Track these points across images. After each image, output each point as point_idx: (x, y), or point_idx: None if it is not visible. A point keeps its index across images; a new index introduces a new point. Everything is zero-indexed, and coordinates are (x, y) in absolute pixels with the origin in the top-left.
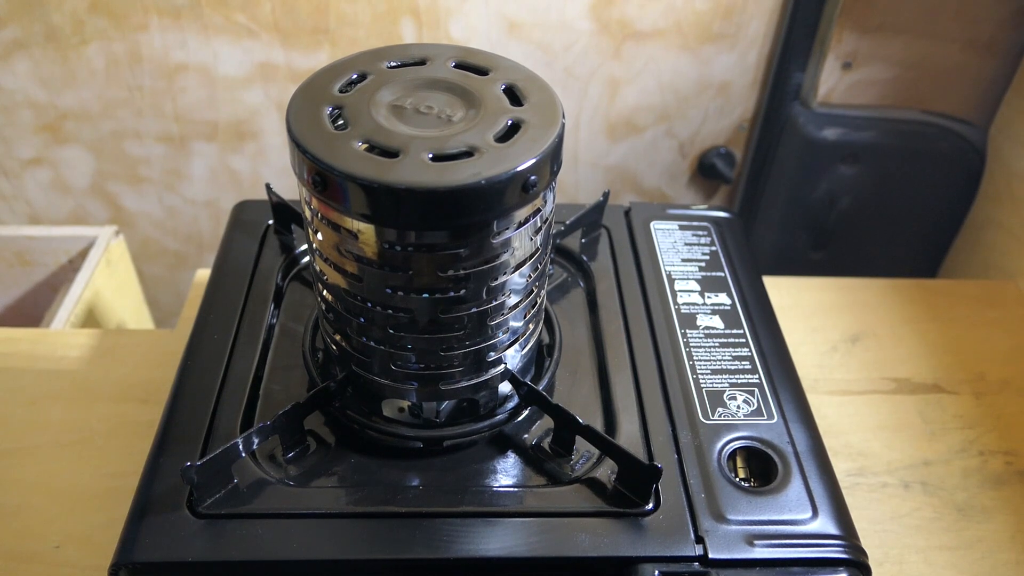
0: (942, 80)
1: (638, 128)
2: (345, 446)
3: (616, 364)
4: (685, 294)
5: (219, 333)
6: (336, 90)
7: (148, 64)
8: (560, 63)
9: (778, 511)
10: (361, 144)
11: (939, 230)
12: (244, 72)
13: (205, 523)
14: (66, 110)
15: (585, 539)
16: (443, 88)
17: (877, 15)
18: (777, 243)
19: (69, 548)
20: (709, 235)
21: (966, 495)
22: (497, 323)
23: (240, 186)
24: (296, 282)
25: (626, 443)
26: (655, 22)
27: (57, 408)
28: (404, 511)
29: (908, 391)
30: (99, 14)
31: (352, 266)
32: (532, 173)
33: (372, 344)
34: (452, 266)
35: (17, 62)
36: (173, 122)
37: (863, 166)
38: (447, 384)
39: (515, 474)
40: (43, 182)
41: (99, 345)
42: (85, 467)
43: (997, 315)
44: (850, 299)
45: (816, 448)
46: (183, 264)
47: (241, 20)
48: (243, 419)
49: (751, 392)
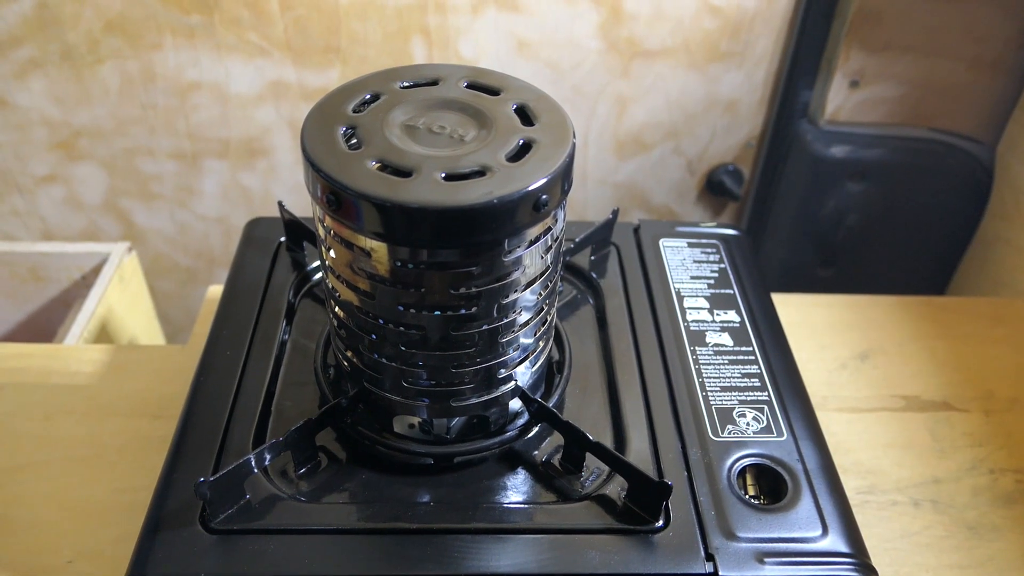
0: (949, 98)
1: (646, 146)
2: (356, 462)
3: (626, 381)
4: (694, 311)
5: (232, 349)
6: (350, 110)
7: (161, 82)
8: (568, 81)
9: (788, 529)
10: (374, 163)
11: (947, 247)
12: (256, 90)
13: (217, 539)
14: (80, 128)
15: (595, 556)
16: (455, 108)
17: (884, 34)
18: (785, 260)
19: (82, 563)
20: (718, 252)
21: (976, 513)
22: (508, 340)
23: (251, 203)
24: (308, 299)
25: (636, 460)
26: (663, 41)
27: (70, 423)
28: (415, 527)
29: (917, 408)
30: (114, 34)
31: (365, 283)
32: (543, 192)
33: (384, 361)
34: (464, 284)
35: (33, 80)
36: (186, 139)
37: (871, 184)
38: (458, 401)
39: (525, 491)
40: (57, 199)
41: (112, 360)
42: (98, 482)
43: (1006, 332)
44: (859, 316)
45: (826, 465)
46: (194, 280)
47: (253, 39)
48: (255, 435)
49: (760, 409)
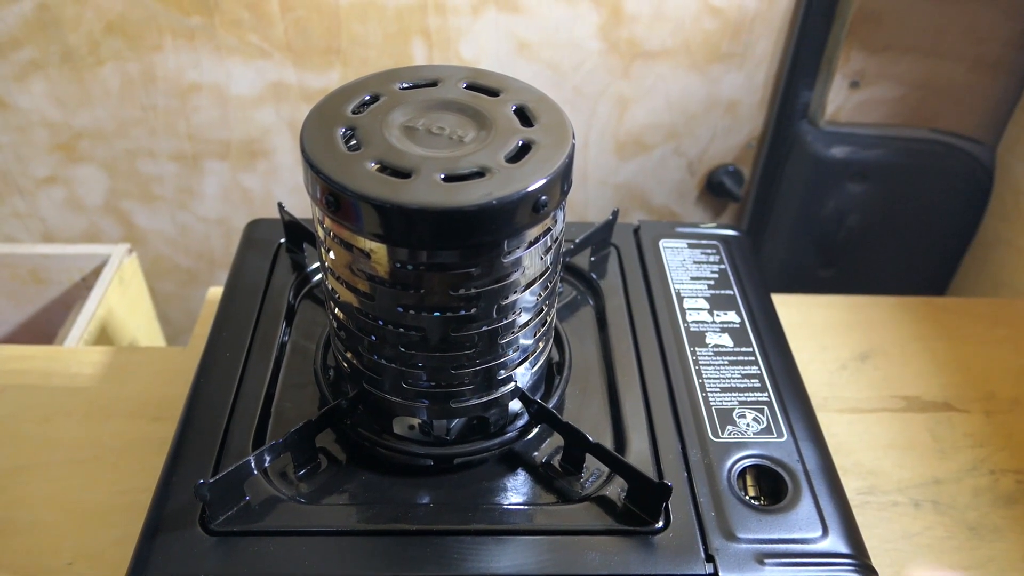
0: (950, 99)
1: (647, 146)
2: (356, 463)
3: (625, 382)
4: (694, 312)
5: (231, 351)
6: (349, 111)
7: (162, 84)
8: (569, 82)
9: (788, 530)
10: (374, 165)
11: (948, 248)
12: (256, 92)
13: (217, 540)
14: (81, 129)
15: (595, 557)
16: (455, 109)
17: (884, 34)
18: (786, 261)
19: (82, 565)
20: (718, 253)
21: (977, 514)
22: (507, 341)
23: (251, 204)
24: (308, 300)
25: (636, 461)
26: (663, 42)
27: (70, 425)
28: (415, 529)
29: (918, 409)
30: (114, 35)
31: (364, 285)
32: (543, 193)
33: (383, 362)
34: (463, 285)
35: (33, 82)
36: (186, 141)
37: (871, 184)
38: (457, 402)
39: (525, 492)
40: (57, 200)
41: (112, 362)
42: (98, 484)
43: (1007, 333)
44: (859, 317)
45: (826, 466)
46: (194, 281)
47: (254, 41)
48: (255, 437)
49: (760, 410)
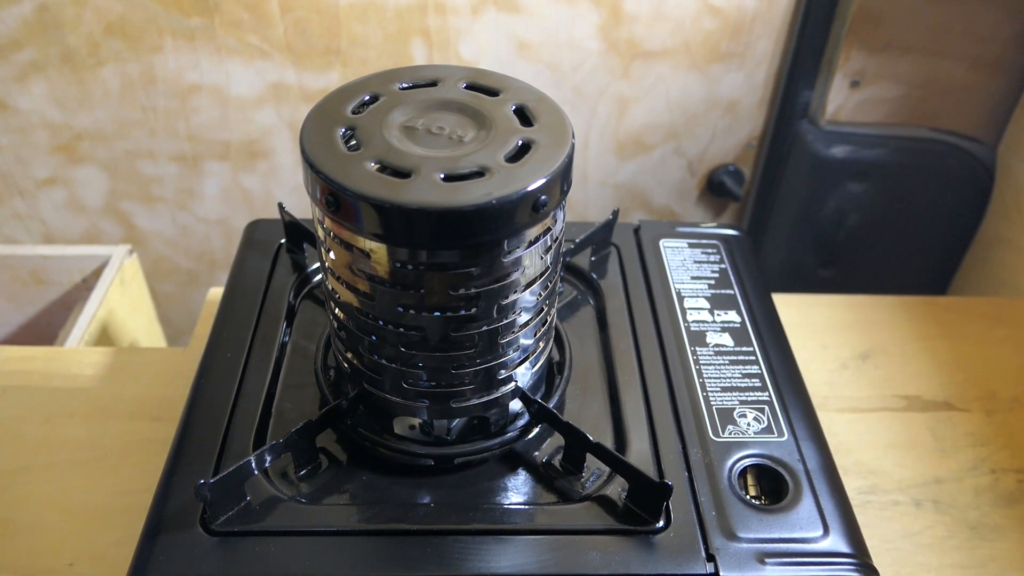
0: (950, 98)
1: (647, 146)
2: (357, 464)
3: (626, 382)
4: (695, 312)
5: (232, 351)
6: (349, 111)
7: (162, 85)
8: (569, 82)
9: (789, 529)
10: (373, 164)
11: (948, 247)
12: (256, 92)
13: (218, 541)
14: (81, 130)
15: (596, 557)
16: (454, 109)
17: (884, 34)
18: (786, 260)
19: (83, 565)
20: (718, 253)
21: (978, 513)
22: (508, 341)
23: (252, 205)
24: (308, 300)
25: (636, 461)
26: (663, 42)
27: (71, 426)
28: (415, 528)
29: (919, 408)
30: (114, 36)
31: (364, 285)
32: (542, 193)
33: (384, 362)
34: (463, 285)
35: (33, 84)
36: (186, 142)
37: (872, 184)
38: (458, 402)
39: (526, 492)
40: (58, 202)
41: (112, 363)
42: (99, 485)
43: (1008, 333)
44: (860, 316)
45: (827, 466)
46: (195, 282)
47: (254, 41)
48: (256, 437)
49: (761, 410)
